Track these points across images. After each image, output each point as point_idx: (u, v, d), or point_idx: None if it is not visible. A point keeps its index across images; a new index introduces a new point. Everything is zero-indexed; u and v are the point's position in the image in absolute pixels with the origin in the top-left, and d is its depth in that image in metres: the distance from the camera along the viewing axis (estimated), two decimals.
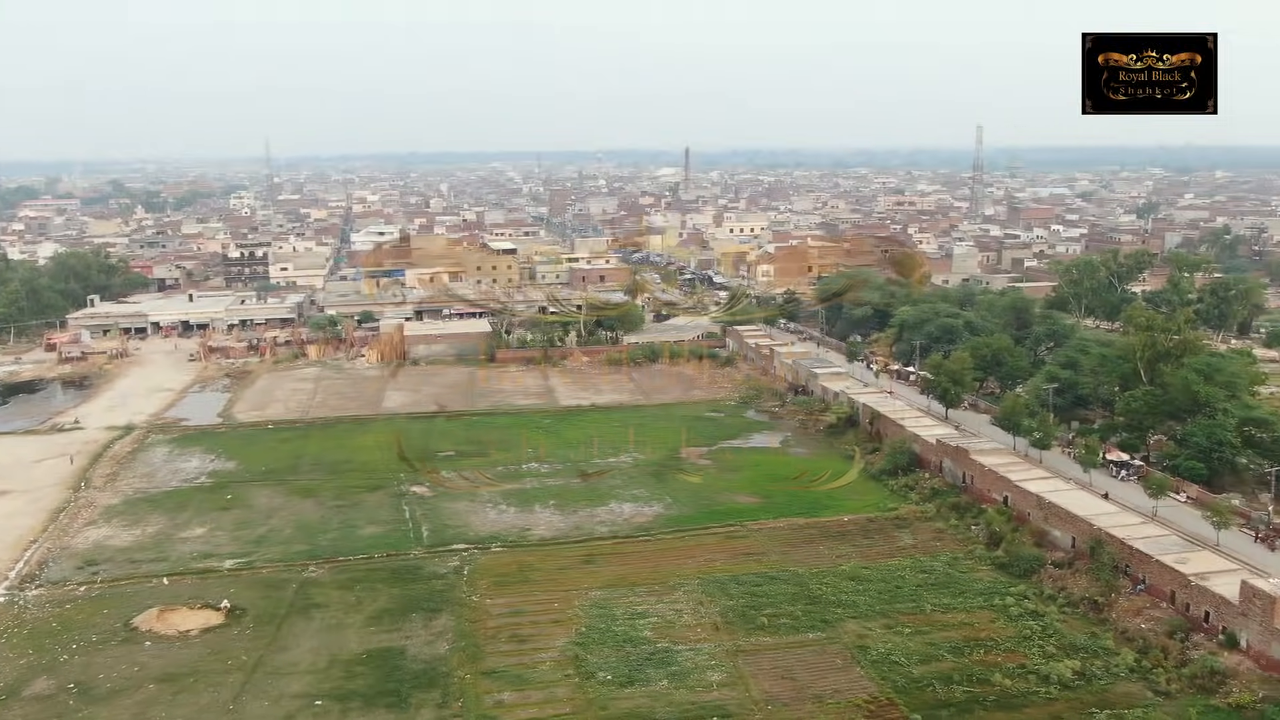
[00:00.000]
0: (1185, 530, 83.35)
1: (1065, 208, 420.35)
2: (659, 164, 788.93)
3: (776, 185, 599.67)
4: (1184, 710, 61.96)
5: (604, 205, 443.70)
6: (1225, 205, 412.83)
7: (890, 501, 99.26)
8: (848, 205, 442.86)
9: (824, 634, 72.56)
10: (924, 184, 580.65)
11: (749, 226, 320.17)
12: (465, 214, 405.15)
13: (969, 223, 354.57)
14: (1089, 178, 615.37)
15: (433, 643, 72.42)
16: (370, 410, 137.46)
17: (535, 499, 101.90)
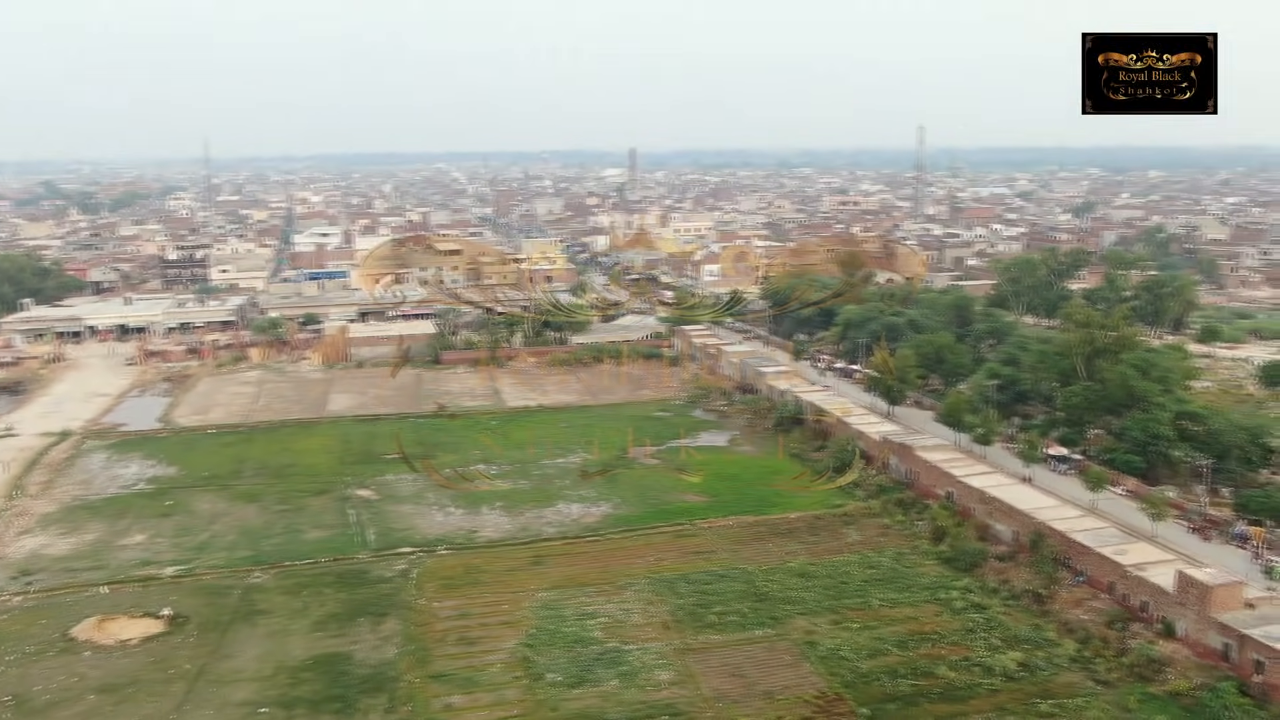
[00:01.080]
0: (1123, 522, 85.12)
1: (1005, 207, 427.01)
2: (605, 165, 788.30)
3: (722, 186, 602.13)
4: (1123, 698, 63.28)
5: (550, 206, 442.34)
6: (1159, 204, 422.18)
7: (837, 498, 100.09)
8: (793, 205, 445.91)
9: (773, 631, 73.04)
10: (867, 184, 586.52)
11: (695, 227, 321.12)
12: (410, 215, 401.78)
13: (912, 222, 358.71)
14: (1028, 178, 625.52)
15: (380, 647, 71.77)
16: (314, 413, 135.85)
17: (482, 500, 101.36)
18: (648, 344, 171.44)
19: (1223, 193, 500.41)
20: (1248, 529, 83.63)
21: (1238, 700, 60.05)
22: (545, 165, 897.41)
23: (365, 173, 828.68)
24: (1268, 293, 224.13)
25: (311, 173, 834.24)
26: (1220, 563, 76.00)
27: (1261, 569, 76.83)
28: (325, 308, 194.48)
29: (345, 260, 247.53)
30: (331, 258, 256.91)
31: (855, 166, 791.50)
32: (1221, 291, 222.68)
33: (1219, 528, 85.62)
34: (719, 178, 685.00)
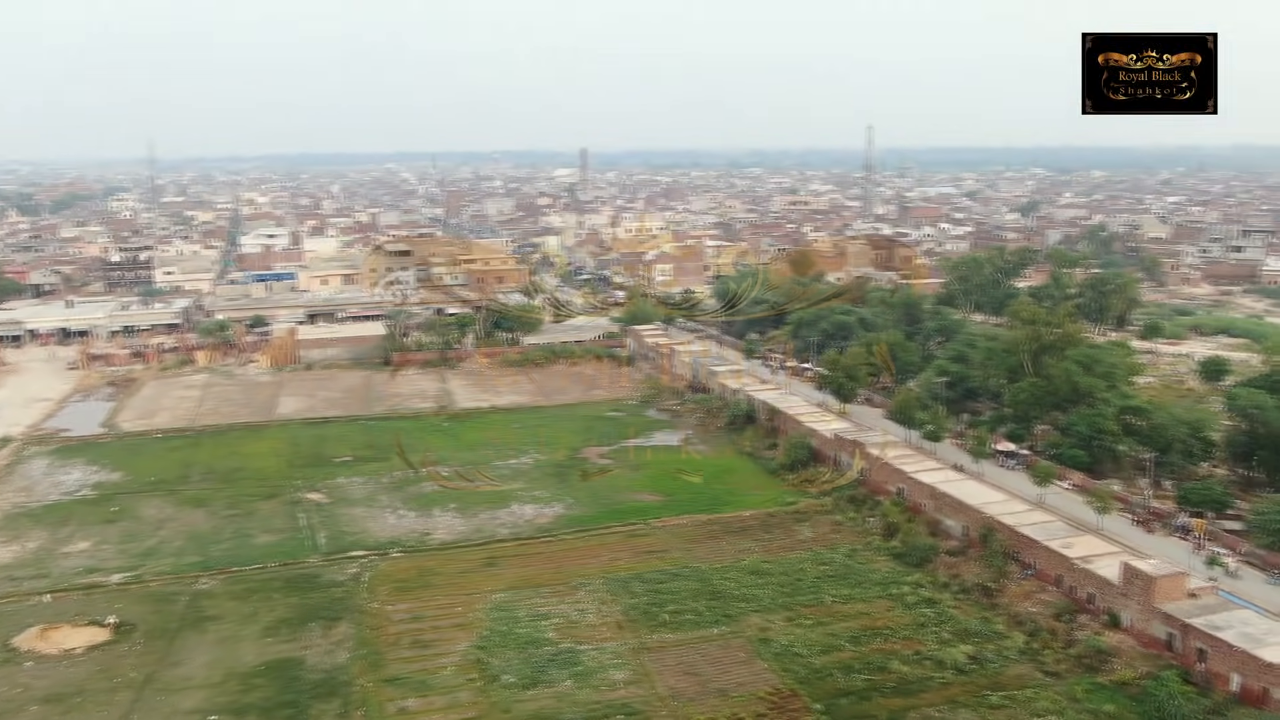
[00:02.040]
0: (1070, 516, 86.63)
1: (952, 206, 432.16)
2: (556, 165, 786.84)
3: (673, 186, 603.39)
4: (1071, 689, 64.27)
5: (500, 206, 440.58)
6: (1102, 204, 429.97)
7: (789, 496, 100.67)
8: (743, 205, 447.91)
9: (727, 628, 73.28)
10: (817, 184, 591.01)
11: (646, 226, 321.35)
12: (359, 215, 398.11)
13: (861, 221, 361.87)
14: (974, 177, 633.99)
15: (332, 651, 71.02)
16: (263, 417, 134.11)
17: (435, 502, 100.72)
18: (600, 344, 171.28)
19: (1163, 192, 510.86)
20: (1190, 521, 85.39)
21: (1181, 688, 61.22)
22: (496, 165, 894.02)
23: (313, 173, 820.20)
24: (1207, 290, 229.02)
25: (259, 173, 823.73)
26: (1163, 554, 77.60)
27: (1203, 560, 78.43)
28: (273, 310, 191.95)
29: (293, 262, 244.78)
30: (279, 259, 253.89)
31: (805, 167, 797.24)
32: (1163, 289, 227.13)
33: (1162, 520, 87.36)
34: (670, 178, 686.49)
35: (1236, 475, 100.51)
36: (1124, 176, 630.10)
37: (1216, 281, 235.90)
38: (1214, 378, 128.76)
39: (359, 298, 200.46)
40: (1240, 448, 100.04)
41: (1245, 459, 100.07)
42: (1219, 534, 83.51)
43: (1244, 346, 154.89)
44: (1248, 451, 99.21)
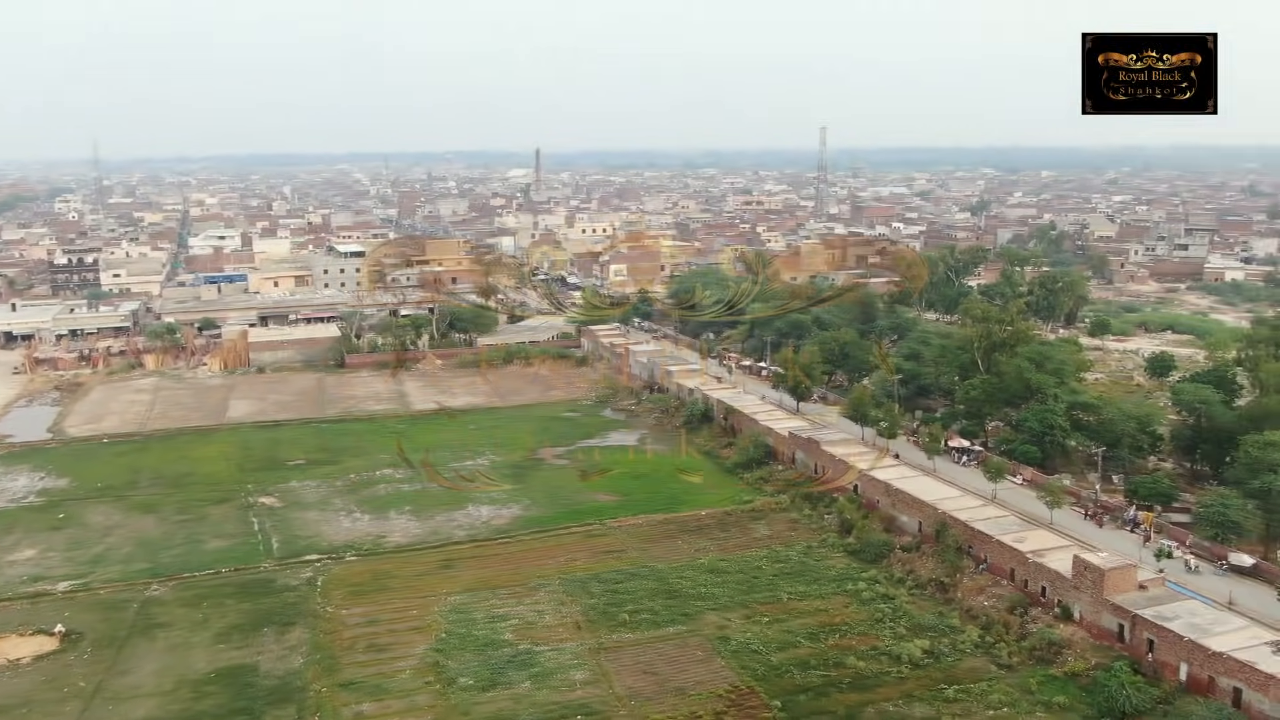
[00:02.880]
0: (1022, 511, 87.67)
1: (905, 206, 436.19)
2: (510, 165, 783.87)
3: (628, 186, 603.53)
4: (1025, 681, 65.09)
5: (454, 207, 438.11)
6: (1051, 203, 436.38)
7: (746, 494, 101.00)
8: (698, 205, 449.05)
9: (685, 627, 73.37)
10: (771, 184, 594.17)
11: (601, 227, 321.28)
12: (310, 216, 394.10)
13: (815, 221, 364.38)
14: (926, 177, 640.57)
15: (286, 657, 70.18)
16: (213, 420, 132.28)
17: (390, 505, 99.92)
18: (556, 344, 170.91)
19: (1110, 191, 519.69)
20: (1138, 514, 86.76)
21: (1131, 679, 62.18)
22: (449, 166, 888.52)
23: (264, 174, 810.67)
24: (1153, 287, 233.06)
25: (208, 174, 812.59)
26: (1113, 547, 78.79)
27: (1152, 552, 79.71)
28: (224, 312, 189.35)
29: (244, 263, 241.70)
30: (230, 261, 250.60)
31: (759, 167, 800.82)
32: (1110, 286, 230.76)
33: (1112, 513, 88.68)
34: (624, 178, 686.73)
35: (1182, 469, 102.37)
36: (1071, 176, 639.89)
37: (1162, 279, 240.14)
38: (1160, 373, 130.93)
39: (312, 299, 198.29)
40: (1186, 442, 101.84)
41: (1190, 452, 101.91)
42: (1167, 526, 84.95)
43: (1189, 343, 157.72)
44: (1193, 445, 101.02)
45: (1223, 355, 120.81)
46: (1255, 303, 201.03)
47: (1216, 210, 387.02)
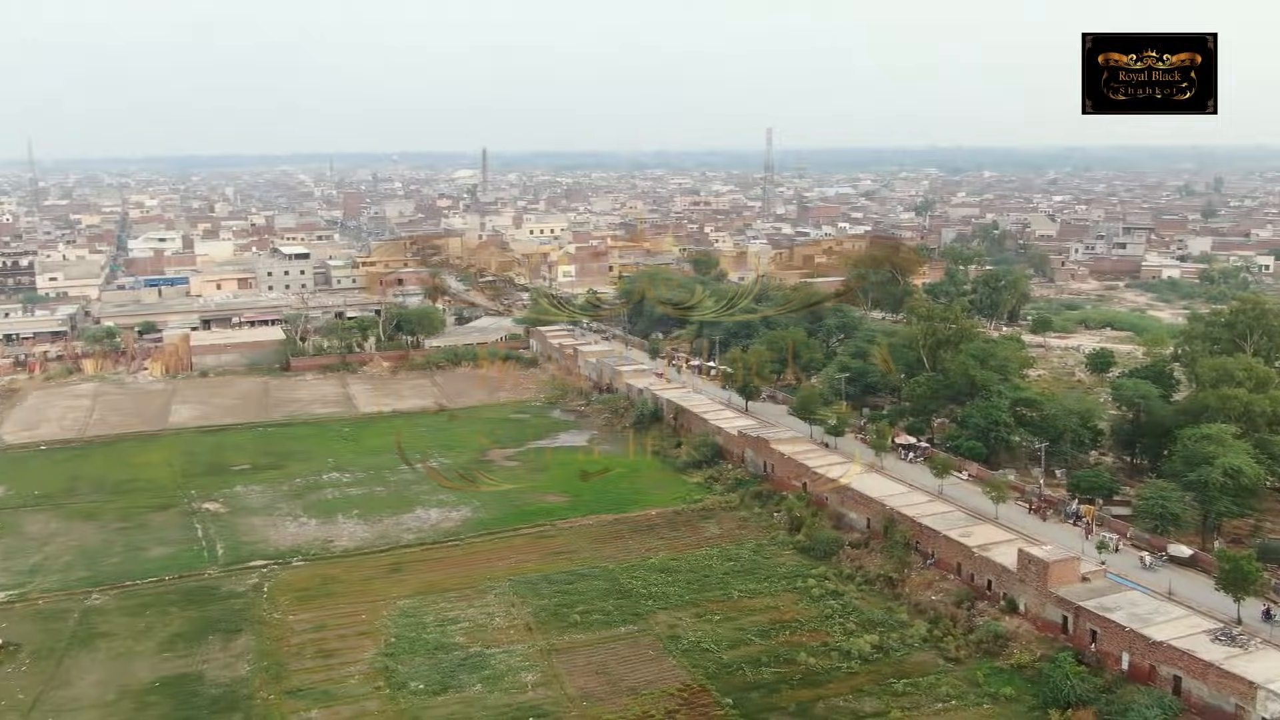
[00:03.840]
0: (968, 506, 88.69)
1: (850, 206, 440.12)
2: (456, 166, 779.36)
3: (575, 187, 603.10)
4: (972, 674, 65.98)
5: (400, 208, 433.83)
6: (993, 203, 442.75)
7: (695, 494, 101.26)
8: (646, 206, 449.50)
9: (636, 627, 73.40)
10: (718, 184, 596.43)
11: (549, 227, 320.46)
12: (254, 218, 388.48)
13: (762, 221, 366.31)
14: (871, 178, 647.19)
15: (232, 665, 69.13)
16: (155, 426, 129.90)
17: (337, 509, 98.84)
18: (504, 346, 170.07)
19: (1050, 191, 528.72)
20: (1080, 507, 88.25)
21: (1075, 669, 63.23)
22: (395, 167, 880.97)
23: (205, 175, 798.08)
24: (1093, 285, 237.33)
25: (147, 175, 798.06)
26: (1057, 540, 79.91)
27: (1094, 544, 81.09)
28: (165, 315, 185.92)
29: (186, 266, 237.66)
30: (171, 263, 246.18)
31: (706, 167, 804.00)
32: (1052, 284, 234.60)
33: (1055, 507, 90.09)
34: (572, 179, 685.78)
35: (1123, 463, 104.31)
36: (1013, 176, 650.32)
37: (1102, 277, 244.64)
38: (1100, 369, 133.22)
39: (255, 302, 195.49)
40: (1126, 436, 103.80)
41: (1130, 447, 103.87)
42: (1108, 519, 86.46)
43: (1128, 339, 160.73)
44: (1132, 440, 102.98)
45: (1160, 351, 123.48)
46: (1191, 299, 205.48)
47: (1153, 209, 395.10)
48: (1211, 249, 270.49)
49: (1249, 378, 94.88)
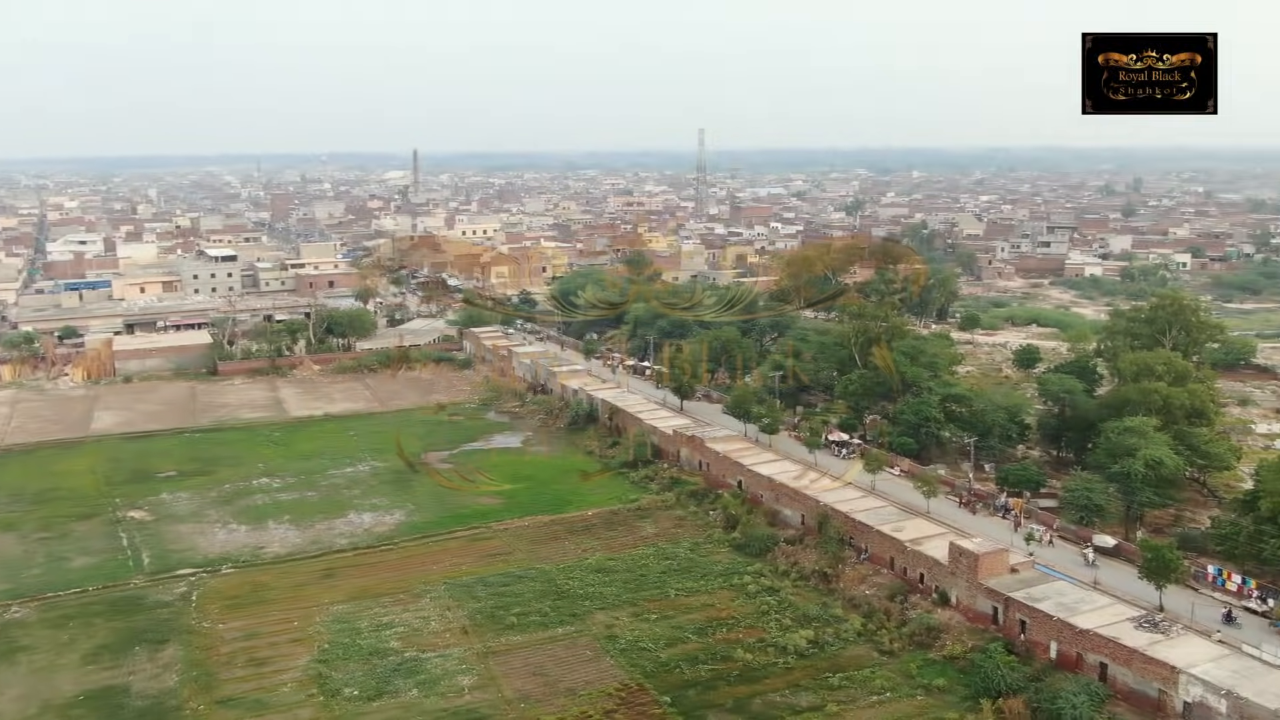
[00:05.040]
0: (900, 501, 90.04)
1: (782, 206, 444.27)
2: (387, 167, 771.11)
3: (508, 187, 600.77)
4: (906, 666, 66.87)
5: (330, 209, 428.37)
6: (922, 203, 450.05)
7: (632, 493, 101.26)
8: (579, 207, 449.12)
9: (573, 628, 73.17)
10: (652, 185, 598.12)
11: (482, 228, 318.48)
12: (178, 220, 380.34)
13: (695, 221, 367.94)
14: (802, 178, 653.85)
15: (160, 676, 67.53)
16: (77, 433, 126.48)
17: (268, 515, 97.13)
18: (437, 348, 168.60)
19: (977, 191, 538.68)
20: (1009, 500, 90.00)
21: (1005, 659, 64.39)
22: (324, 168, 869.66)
23: (127, 177, 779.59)
24: (1019, 282, 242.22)
25: (67, 177, 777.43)
26: (986, 533, 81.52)
27: (1022, 536, 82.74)
28: (86, 320, 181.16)
29: (108, 269, 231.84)
30: (92, 266, 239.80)
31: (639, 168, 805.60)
32: (979, 282, 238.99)
33: (984, 500, 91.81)
34: (504, 179, 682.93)
35: (1049, 456, 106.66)
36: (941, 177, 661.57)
37: (1027, 275, 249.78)
38: (1027, 365, 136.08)
39: (181, 305, 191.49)
40: (1051, 430, 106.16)
41: (1056, 440, 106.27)
42: (1036, 512, 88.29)
43: (1052, 335, 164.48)
44: (1058, 433, 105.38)
45: (1084, 347, 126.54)
46: (1113, 296, 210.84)
47: (1076, 209, 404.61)
48: (1132, 247, 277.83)
49: (1168, 371, 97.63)
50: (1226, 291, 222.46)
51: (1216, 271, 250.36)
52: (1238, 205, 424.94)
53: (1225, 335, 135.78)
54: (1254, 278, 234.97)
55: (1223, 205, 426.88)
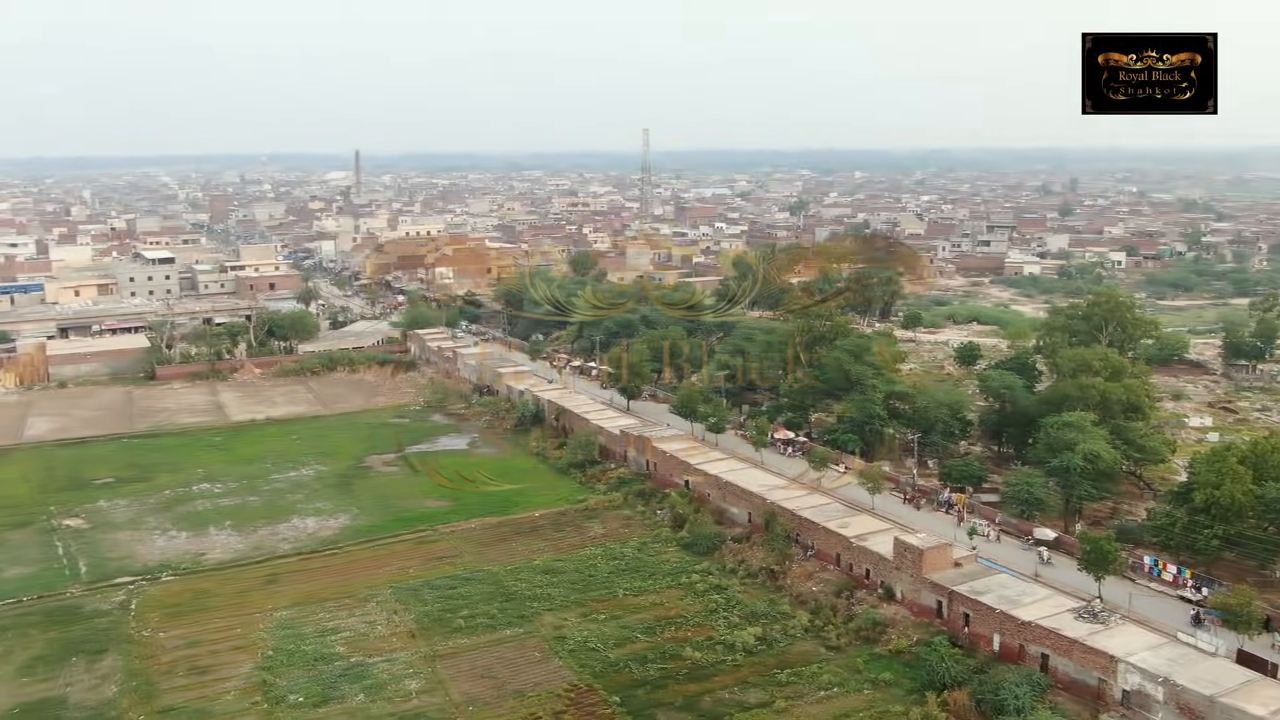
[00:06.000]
0: (846, 497, 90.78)
1: (727, 207, 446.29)
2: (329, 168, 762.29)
3: (451, 188, 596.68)
4: (852, 661, 67.47)
5: (271, 210, 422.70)
6: (864, 203, 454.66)
7: (579, 494, 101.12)
8: (524, 207, 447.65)
9: (522, 629, 72.86)
10: (596, 185, 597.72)
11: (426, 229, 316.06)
12: (114, 222, 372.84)
13: (640, 222, 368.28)
14: (746, 179, 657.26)
15: (98, 687, 66.11)
16: (10, 440, 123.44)
17: (209, 521, 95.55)
18: (381, 349, 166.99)
19: (918, 191, 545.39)
20: (952, 496, 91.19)
21: (950, 651, 65.23)
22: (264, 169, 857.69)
23: (60, 178, 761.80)
24: (960, 281, 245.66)
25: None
26: (930, 528, 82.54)
27: (965, 531, 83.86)
28: (18, 324, 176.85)
29: (40, 272, 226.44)
30: (23, 270, 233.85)
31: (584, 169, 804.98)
32: (921, 282, 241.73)
33: (928, 496, 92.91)
34: (448, 180, 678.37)
35: (990, 451, 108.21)
36: (883, 177, 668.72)
37: (968, 273, 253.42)
38: (968, 362, 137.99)
39: (117, 309, 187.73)
40: (993, 426, 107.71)
41: (997, 436, 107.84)
42: (978, 506, 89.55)
43: (993, 333, 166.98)
44: (999, 429, 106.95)
45: (1023, 344, 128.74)
46: (1051, 294, 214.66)
47: (1014, 209, 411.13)
48: (1069, 246, 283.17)
49: (1105, 367, 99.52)
50: (1160, 289, 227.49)
51: (1150, 269, 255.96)
52: (1170, 205, 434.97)
53: (1159, 331, 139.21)
54: (1186, 275, 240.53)
55: (1155, 205, 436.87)
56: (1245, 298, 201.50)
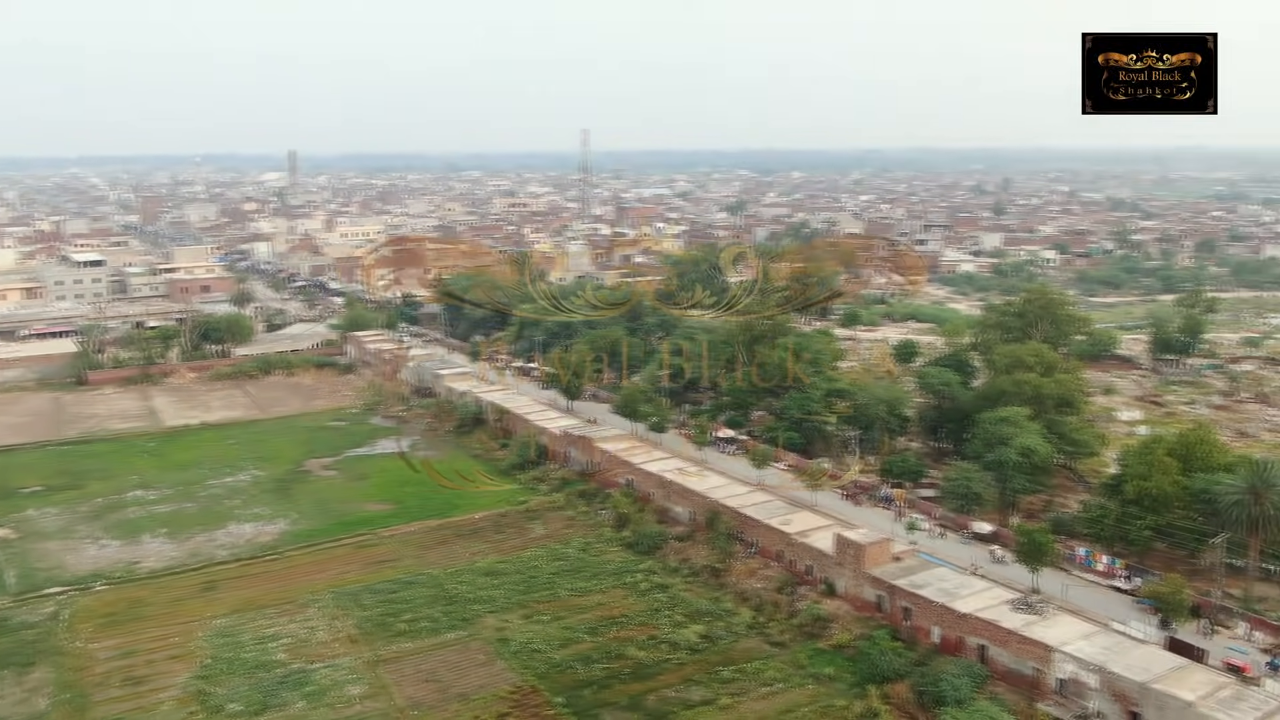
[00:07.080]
0: (787, 494, 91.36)
1: (667, 206, 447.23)
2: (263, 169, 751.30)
3: (390, 189, 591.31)
4: (795, 656, 68.01)
5: (204, 212, 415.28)
6: (803, 203, 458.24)
7: (521, 495, 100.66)
8: (463, 208, 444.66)
9: (465, 632, 72.39)
10: (536, 186, 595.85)
11: (363, 231, 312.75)
12: (40, 224, 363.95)
13: (580, 222, 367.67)
14: (686, 179, 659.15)
15: (28, 700, 64.45)
16: None
17: (143, 528, 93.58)
18: (319, 352, 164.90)
19: (856, 191, 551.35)
20: (891, 491, 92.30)
21: (891, 645, 66.03)
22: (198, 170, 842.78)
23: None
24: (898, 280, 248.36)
25: None
26: (870, 523, 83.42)
27: (904, 526, 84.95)
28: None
29: None
30: None
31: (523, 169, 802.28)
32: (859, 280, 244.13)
33: (868, 492, 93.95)
34: (386, 181, 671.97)
35: (929, 447, 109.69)
36: (821, 177, 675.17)
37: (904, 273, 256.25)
38: (906, 359, 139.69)
39: (44, 313, 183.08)
40: (931, 422, 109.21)
41: (935, 431, 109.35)
42: (917, 501, 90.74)
43: (930, 330, 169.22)
44: (937, 425, 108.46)
45: (959, 341, 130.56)
46: (985, 292, 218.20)
47: (949, 208, 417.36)
48: (1002, 244, 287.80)
49: (1038, 363, 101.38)
50: (1090, 286, 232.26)
51: (1081, 267, 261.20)
52: (1099, 204, 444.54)
53: (1090, 328, 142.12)
54: (1115, 273, 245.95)
55: (1085, 204, 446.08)
56: (1172, 294, 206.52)
